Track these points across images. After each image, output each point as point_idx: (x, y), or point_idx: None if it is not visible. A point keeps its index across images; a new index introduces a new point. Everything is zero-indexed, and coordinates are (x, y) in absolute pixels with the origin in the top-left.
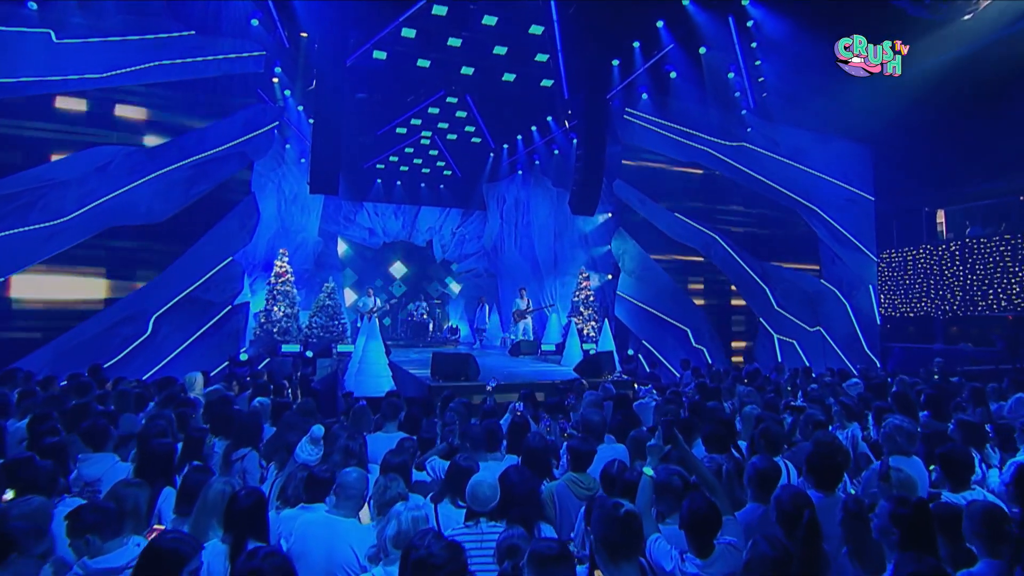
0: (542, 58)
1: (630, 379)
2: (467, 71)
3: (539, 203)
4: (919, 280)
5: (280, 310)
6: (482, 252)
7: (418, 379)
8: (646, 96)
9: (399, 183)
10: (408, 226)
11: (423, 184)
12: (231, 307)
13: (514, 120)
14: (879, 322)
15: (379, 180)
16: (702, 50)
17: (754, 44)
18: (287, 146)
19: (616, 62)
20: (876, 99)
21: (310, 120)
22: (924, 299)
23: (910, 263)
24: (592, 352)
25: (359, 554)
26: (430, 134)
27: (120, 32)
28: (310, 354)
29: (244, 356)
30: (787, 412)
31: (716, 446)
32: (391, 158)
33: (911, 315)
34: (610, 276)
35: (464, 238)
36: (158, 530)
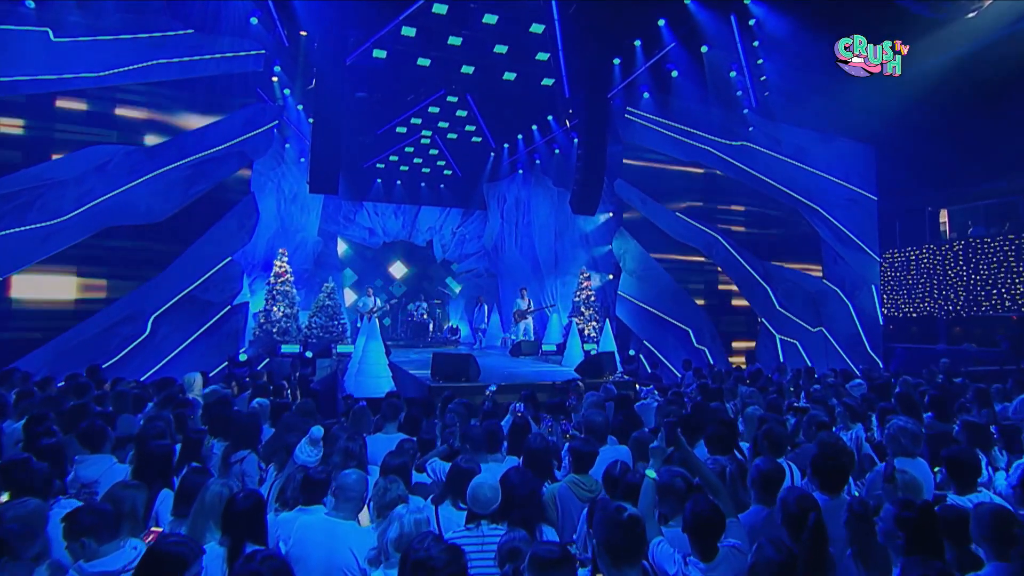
0: (543, 57)
1: (631, 380)
2: (467, 70)
3: (540, 203)
4: (922, 280)
5: (279, 310)
6: (482, 252)
7: (418, 380)
8: (647, 95)
9: (399, 183)
10: (408, 226)
11: (423, 184)
12: (230, 307)
13: (515, 119)
14: (882, 322)
15: (379, 180)
16: (704, 49)
17: (756, 43)
18: (287, 145)
19: (617, 61)
20: (878, 99)
21: (310, 119)
22: (927, 299)
23: (913, 263)
24: (593, 352)
25: (359, 557)
26: (430, 133)
27: (119, 31)
28: (310, 354)
29: (243, 356)
30: (790, 413)
31: (719, 447)
32: (391, 157)
33: (914, 315)
34: (611, 276)
35: (464, 238)
36: (155, 533)
